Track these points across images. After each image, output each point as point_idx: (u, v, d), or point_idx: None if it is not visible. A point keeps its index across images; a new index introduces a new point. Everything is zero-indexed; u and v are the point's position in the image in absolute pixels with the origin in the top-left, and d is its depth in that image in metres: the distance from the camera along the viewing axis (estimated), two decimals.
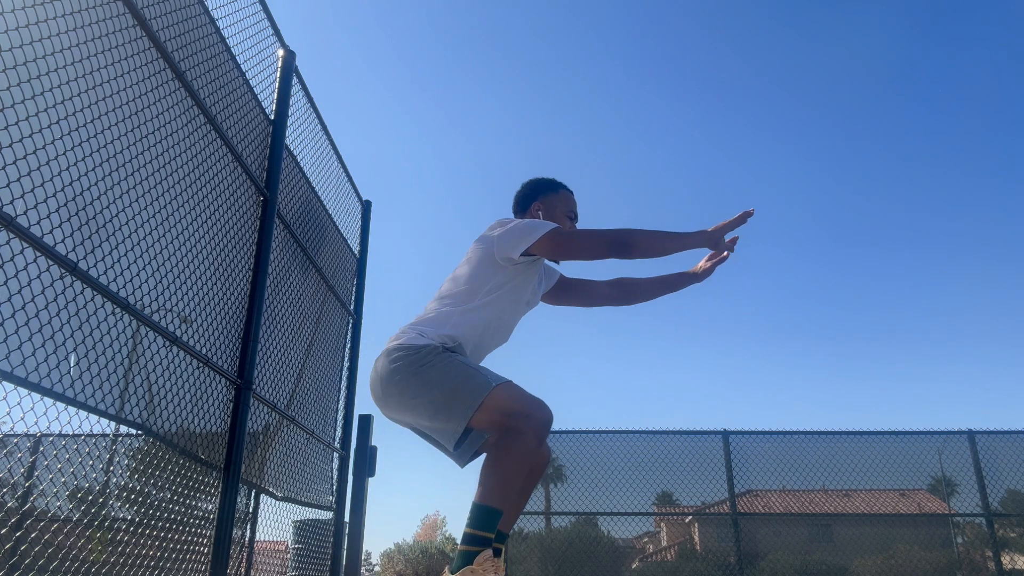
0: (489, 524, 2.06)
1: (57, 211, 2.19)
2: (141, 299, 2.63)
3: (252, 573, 4.11)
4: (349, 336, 5.52)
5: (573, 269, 2.82)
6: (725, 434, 9.50)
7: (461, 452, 2.34)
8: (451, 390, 2.16)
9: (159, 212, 2.78)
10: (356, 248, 5.68)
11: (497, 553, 2.12)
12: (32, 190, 2.08)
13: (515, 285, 2.45)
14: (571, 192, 2.72)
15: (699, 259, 2.74)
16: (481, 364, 2.41)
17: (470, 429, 2.21)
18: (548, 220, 2.56)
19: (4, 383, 2.00)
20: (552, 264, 2.76)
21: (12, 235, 2.00)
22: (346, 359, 5.45)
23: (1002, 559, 9.02)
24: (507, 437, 2.08)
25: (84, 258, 2.31)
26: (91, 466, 3.19)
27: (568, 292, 2.79)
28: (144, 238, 2.67)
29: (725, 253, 2.61)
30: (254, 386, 3.56)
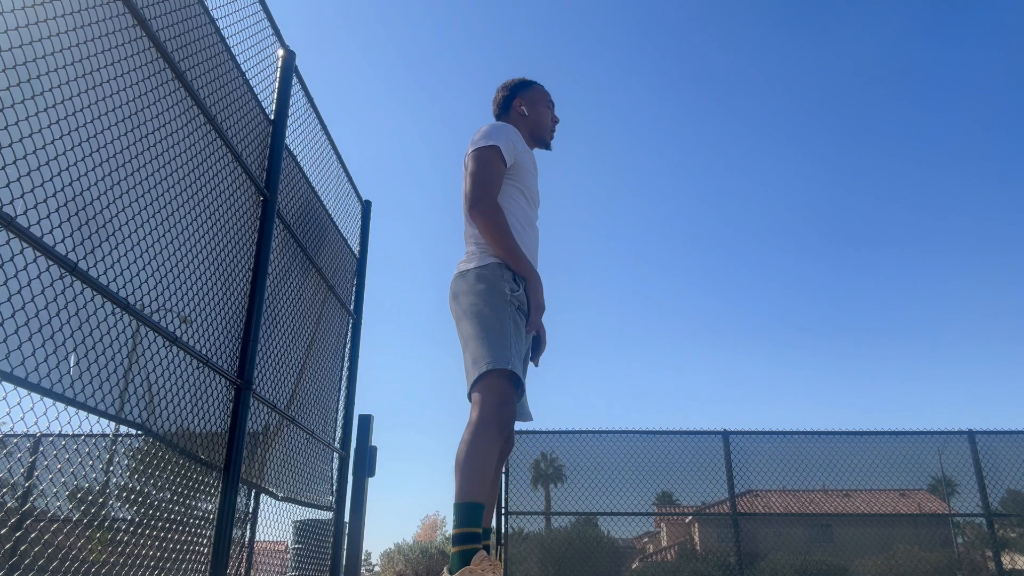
0: (475, 519, 2.09)
1: (57, 211, 2.19)
2: (141, 299, 2.63)
3: (252, 573, 4.11)
4: (349, 336, 5.52)
5: None
6: (725, 434, 9.50)
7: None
8: (484, 338, 2.33)
9: (159, 212, 2.78)
10: (356, 248, 5.68)
11: (486, 550, 2.14)
12: (32, 190, 2.08)
13: (514, 185, 2.64)
14: (543, 86, 2.97)
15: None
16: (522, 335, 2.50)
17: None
18: (531, 112, 2.86)
19: (4, 383, 2.00)
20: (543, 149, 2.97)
21: (12, 235, 2.00)
22: (346, 359, 5.45)
23: (1002, 559, 9.01)
24: (473, 430, 2.20)
25: (84, 258, 2.31)
26: (91, 466, 3.19)
27: None
28: (144, 238, 2.67)
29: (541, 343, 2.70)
30: (254, 386, 3.56)
